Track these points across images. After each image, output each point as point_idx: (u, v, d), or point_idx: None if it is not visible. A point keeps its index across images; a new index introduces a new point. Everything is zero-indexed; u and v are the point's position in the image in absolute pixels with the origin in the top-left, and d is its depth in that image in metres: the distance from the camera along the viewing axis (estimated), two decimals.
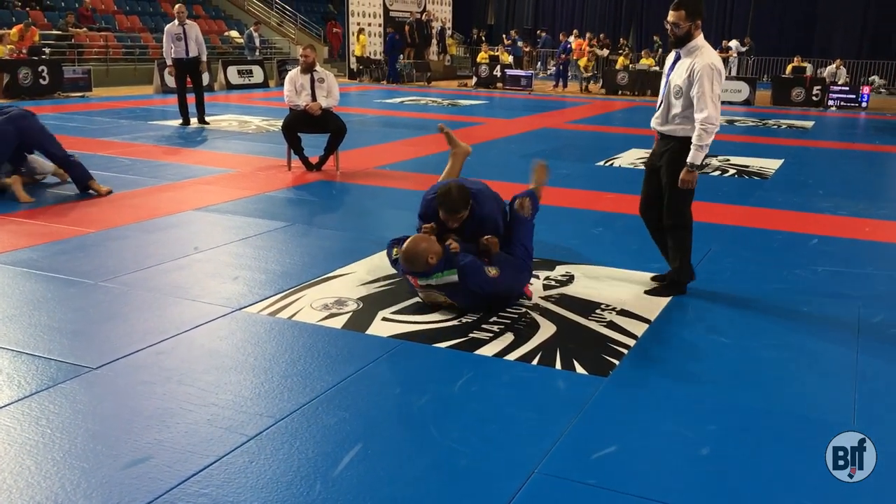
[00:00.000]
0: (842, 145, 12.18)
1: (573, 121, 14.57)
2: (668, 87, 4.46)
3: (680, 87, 4.37)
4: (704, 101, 4.25)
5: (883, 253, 5.72)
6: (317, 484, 2.61)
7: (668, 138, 4.50)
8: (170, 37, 11.41)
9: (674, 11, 4.35)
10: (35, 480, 2.59)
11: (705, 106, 4.25)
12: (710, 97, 4.26)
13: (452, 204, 4.27)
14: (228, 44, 22.13)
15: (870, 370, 3.67)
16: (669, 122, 4.47)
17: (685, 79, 4.33)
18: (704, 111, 4.25)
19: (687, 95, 4.33)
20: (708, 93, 4.25)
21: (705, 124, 4.26)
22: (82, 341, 3.73)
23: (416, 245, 4.15)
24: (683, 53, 4.41)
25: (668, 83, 4.47)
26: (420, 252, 4.12)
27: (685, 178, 4.39)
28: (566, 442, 2.93)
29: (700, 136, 4.29)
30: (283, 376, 3.41)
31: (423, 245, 4.15)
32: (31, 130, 6.81)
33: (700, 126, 4.27)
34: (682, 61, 4.40)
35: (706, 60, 4.29)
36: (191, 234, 5.73)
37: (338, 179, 8.06)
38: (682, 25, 4.33)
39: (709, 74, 4.25)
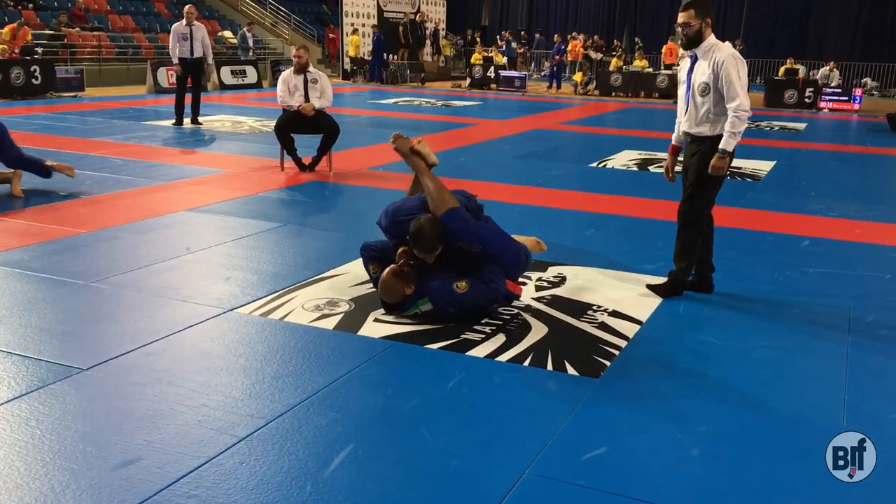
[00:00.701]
0: (834, 147, 12.22)
1: (567, 122, 14.59)
2: (692, 89, 4.45)
3: (706, 84, 4.37)
4: (734, 89, 4.28)
5: (874, 254, 5.74)
6: (307, 485, 2.61)
7: (699, 140, 4.49)
8: (176, 35, 11.42)
9: (683, 12, 4.38)
10: (24, 482, 2.58)
11: (736, 94, 4.28)
12: (739, 85, 4.29)
13: (427, 243, 4.06)
14: (222, 44, 22.09)
15: (860, 371, 3.68)
16: (700, 123, 4.47)
17: (710, 74, 4.35)
18: (736, 99, 4.28)
19: (715, 90, 4.35)
20: (736, 81, 4.28)
21: (738, 111, 4.28)
22: (73, 342, 3.72)
23: (387, 289, 4.12)
24: (700, 55, 4.43)
25: (691, 85, 4.46)
26: (394, 288, 4.11)
27: (716, 164, 4.37)
28: (557, 443, 2.94)
29: (733, 123, 4.31)
30: (274, 377, 3.41)
31: (395, 289, 4.11)
32: None
33: (733, 113, 4.29)
34: (701, 62, 4.42)
35: (728, 52, 4.34)
36: (183, 235, 5.72)
37: (331, 180, 8.06)
38: (692, 25, 4.36)
39: (733, 64, 4.29)
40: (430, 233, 4.05)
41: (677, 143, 4.75)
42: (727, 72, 4.29)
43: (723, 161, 4.37)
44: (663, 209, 6.99)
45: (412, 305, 4.12)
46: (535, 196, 7.47)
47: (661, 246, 5.72)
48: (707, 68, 4.36)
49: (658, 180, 8.56)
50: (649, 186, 8.15)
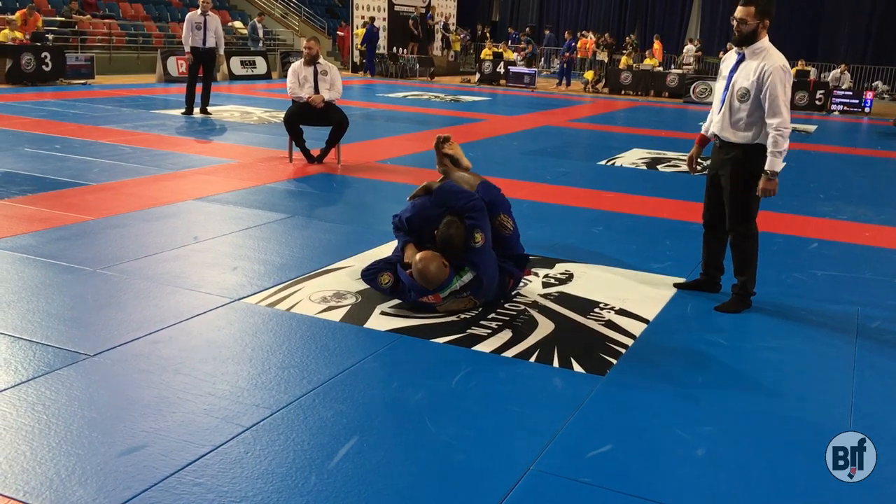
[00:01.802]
0: (844, 150, 12.17)
1: (576, 119, 14.56)
2: (732, 90, 4.26)
3: (747, 90, 4.17)
4: (777, 105, 4.09)
5: (882, 258, 5.72)
6: (312, 476, 2.61)
7: (729, 146, 4.30)
8: (190, 25, 11.42)
9: (743, 7, 4.16)
10: (30, 466, 2.59)
11: (779, 110, 4.09)
12: (784, 101, 4.11)
13: (454, 250, 4.16)
14: (232, 34, 22.09)
15: (867, 374, 3.67)
16: (732, 128, 4.29)
17: (753, 81, 4.14)
18: (779, 116, 4.09)
19: (755, 99, 4.15)
20: (781, 97, 4.09)
21: (780, 129, 4.10)
22: (80, 328, 3.73)
23: (427, 266, 4.06)
24: (748, 55, 4.22)
25: (731, 86, 4.26)
26: (436, 270, 4.06)
27: (766, 186, 4.19)
28: (562, 439, 2.93)
29: (776, 143, 4.11)
30: (280, 368, 3.41)
31: (434, 263, 4.07)
32: None
33: (775, 131, 4.10)
34: (748, 63, 4.21)
35: (777, 63, 4.13)
36: (191, 224, 5.72)
37: (339, 172, 8.06)
38: (749, 23, 4.15)
39: (781, 78, 4.10)
40: (458, 240, 4.12)
41: (706, 135, 4.58)
42: (773, 85, 4.08)
43: (771, 183, 4.19)
44: (672, 208, 6.97)
45: (452, 282, 4.11)
46: (543, 193, 7.46)
47: (668, 245, 5.72)
48: (752, 74, 4.16)
49: (667, 179, 8.54)
50: (658, 185, 8.13)
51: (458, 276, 4.12)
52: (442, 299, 4.14)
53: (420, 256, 4.11)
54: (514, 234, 4.44)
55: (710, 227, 4.62)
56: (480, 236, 4.14)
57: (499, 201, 4.44)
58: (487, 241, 4.18)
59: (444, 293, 4.12)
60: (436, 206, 4.34)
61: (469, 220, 4.18)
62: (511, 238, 4.42)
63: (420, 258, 4.10)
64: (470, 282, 4.13)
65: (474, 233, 4.14)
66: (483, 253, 4.16)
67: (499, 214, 4.37)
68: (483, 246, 4.15)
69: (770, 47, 4.22)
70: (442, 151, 4.79)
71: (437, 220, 4.28)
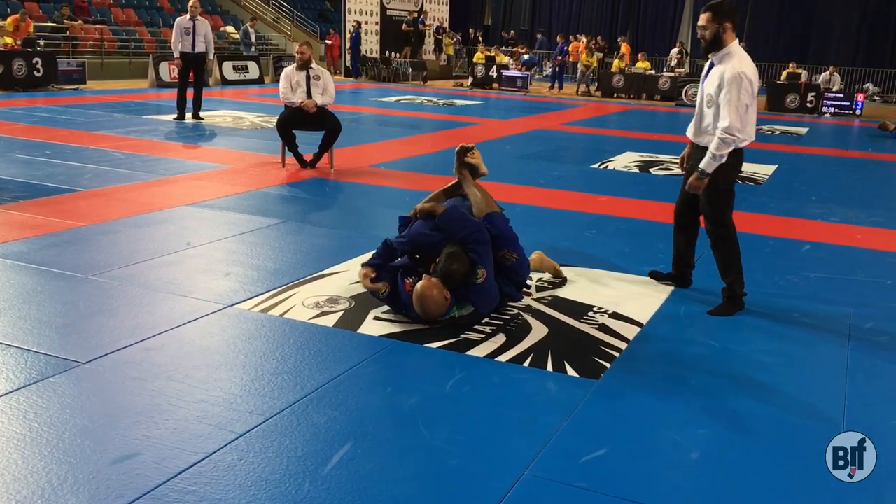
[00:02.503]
0: (835, 152, 12.23)
1: (568, 122, 14.59)
2: (701, 97, 4.35)
3: (711, 96, 4.24)
4: (727, 108, 4.11)
5: (874, 260, 5.74)
6: (305, 482, 2.60)
7: (701, 150, 4.34)
8: (179, 30, 11.40)
9: (702, 14, 4.26)
10: (22, 475, 2.57)
11: (727, 114, 4.11)
12: (735, 105, 4.10)
13: (455, 285, 3.99)
14: (224, 39, 22.07)
15: (860, 376, 3.68)
16: (702, 133, 4.36)
17: (716, 86, 4.19)
18: (725, 119, 4.12)
19: (717, 105, 4.21)
20: (734, 101, 4.10)
21: (724, 133, 4.12)
22: (71, 335, 3.71)
23: (427, 302, 3.92)
24: (716, 61, 4.26)
25: (702, 93, 4.35)
26: (435, 308, 3.95)
27: (693, 183, 4.30)
28: (556, 444, 2.93)
29: (717, 145, 4.15)
30: (273, 374, 3.40)
31: (435, 299, 3.93)
32: None
33: (721, 134, 4.13)
34: (716, 69, 4.26)
35: (737, 68, 4.13)
36: (183, 230, 5.71)
37: (332, 177, 8.05)
38: (709, 28, 4.21)
39: (737, 82, 4.10)
40: (459, 275, 3.96)
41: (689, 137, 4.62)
42: (728, 89, 4.12)
43: (699, 182, 4.26)
44: (664, 211, 6.97)
45: (449, 311, 4.00)
46: (536, 196, 7.47)
47: (661, 248, 5.72)
48: (716, 79, 4.20)
49: (660, 182, 8.56)
50: (651, 188, 8.15)
51: (458, 308, 4.02)
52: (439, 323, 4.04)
53: (422, 288, 3.94)
54: (517, 264, 4.26)
55: (679, 227, 4.71)
56: (482, 273, 3.99)
57: (505, 236, 4.24)
58: (489, 276, 4.05)
59: (442, 319, 4.02)
60: (438, 230, 4.16)
61: (472, 254, 4.02)
62: (514, 267, 4.25)
63: (421, 290, 3.93)
64: (468, 315, 4.05)
65: (476, 269, 3.98)
66: (483, 290, 4.03)
67: (503, 249, 4.19)
68: (484, 283, 4.02)
69: (736, 52, 4.22)
70: (463, 160, 4.64)
71: (436, 245, 4.12)
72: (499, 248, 4.18)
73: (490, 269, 4.06)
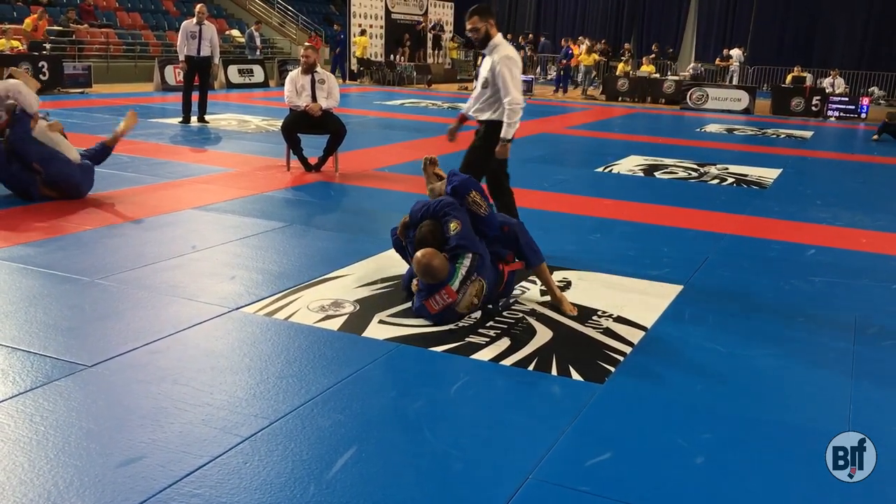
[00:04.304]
0: (840, 156, 12.21)
1: (573, 126, 14.59)
2: (478, 80, 5.23)
3: (486, 79, 5.09)
4: (507, 86, 4.98)
5: (879, 264, 5.73)
6: (311, 486, 2.61)
7: (479, 122, 5.24)
8: (185, 34, 11.44)
9: (469, 19, 5.05)
10: (28, 478, 2.58)
11: (510, 90, 4.98)
12: (512, 83, 4.98)
13: (431, 243, 4.22)
14: (229, 43, 22.13)
15: (865, 381, 3.67)
16: (479, 110, 5.21)
17: (489, 71, 5.05)
18: (509, 94, 4.98)
19: (493, 85, 5.05)
20: (509, 79, 4.97)
21: (512, 104, 5.00)
22: (77, 339, 3.72)
23: (430, 260, 4.08)
24: (487, 52, 5.12)
25: (479, 77, 5.24)
26: (439, 263, 4.09)
27: (500, 150, 5.11)
28: (561, 448, 2.93)
29: (509, 115, 5.01)
30: (278, 377, 3.41)
31: (437, 256, 4.10)
32: None
33: (508, 108, 5.00)
34: (487, 59, 5.13)
35: (503, 53, 5.02)
36: (188, 233, 5.72)
37: (336, 181, 8.06)
38: (480, 28, 5.02)
39: (507, 64, 4.98)
40: (439, 267, 4.09)
41: (465, 113, 5.51)
42: (502, 72, 4.97)
43: (504, 147, 5.11)
44: (669, 215, 6.98)
45: (455, 271, 4.12)
46: (541, 200, 7.46)
47: (666, 252, 5.72)
48: (488, 65, 5.07)
49: (665, 186, 8.56)
50: (655, 192, 8.14)
51: (459, 262, 4.15)
52: (456, 292, 4.10)
53: (421, 253, 4.13)
54: (490, 214, 4.45)
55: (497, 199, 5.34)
56: (455, 223, 4.22)
57: (465, 183, 4.44)
58: (465, 225, 4.23)
59: (454, 283, 4.11)
60: (413, 228, 4.44)
61: (443, 218, 4.27)
62: (488, 218, 4.41)
63: (421, 254, 4.12)
64: (471, 262, 4.16)
65: (449, 224, 4.23)
66: (464, 235, 4.20)
67: (469, 192, 4.38)
68: (461, 230, 4.20)
69: (501, 42, 5.12)
70: (432, 172, 4.95)
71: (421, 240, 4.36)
72: (466, 194, 4.38)
73: (464, 220, 4.26)
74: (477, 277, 4.17)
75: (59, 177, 6.42)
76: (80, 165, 6.62)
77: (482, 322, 4.19)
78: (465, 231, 4.22)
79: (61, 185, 6.46)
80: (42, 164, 6.36)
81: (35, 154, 6.38)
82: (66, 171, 6.45)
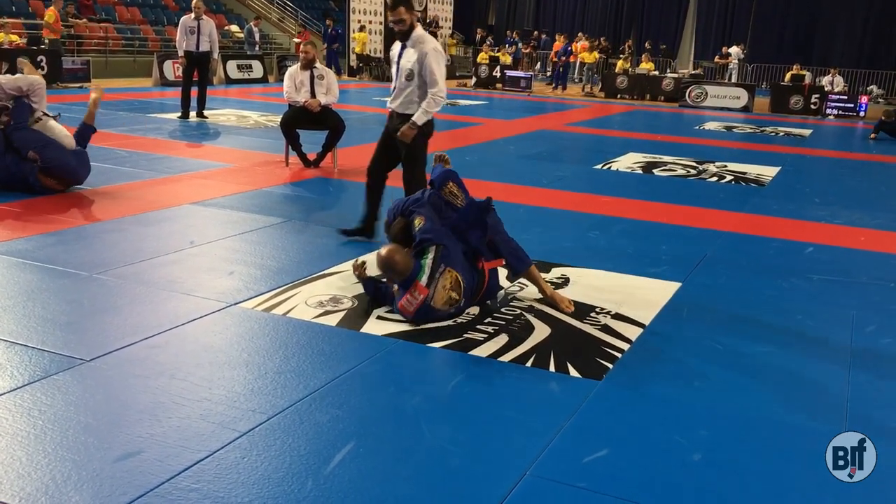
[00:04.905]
0: (839, 154, 12.21)
1: (572, 123, 14.59)
2: (400, 73, 5.14)
3: (412, 71, 5.09)
4: (436, 78, 5.06)
5: (878, 262, 5.74)
6: (308, 481, 2.61)
7: (402, 116, 5.20)
8: (184, 29, 11.43)
9: (393, 10, 5.06)
10: (26, 472, 2.58)
11: (436, 81, 5.06)
12: (439, 75, 5.08)
13: (398, 237, 4.32)
14: (228, 38, 22.09)
15: (862, 379, 3.68)
16: (407, 105, 5.17)
17: (415, 63, 5.06)
18: (435, 85, 5.07)
19: (420, 76, 5.08)
20: (437, 71, 5.07)
21: (436, 96, 5.09)
22: (76, 333, 3.72)
23: (392, 255, 4.10)
24: (410, 44, 5.12)
25: (400, 69, 5.14)
26: (402, 259, 4.09)
27: (405, 131, 5.13)
28: (558, 444, 2.93)
29: (429, 104, 5.10)
30: (276, 373, 3.41)
31: (398, 252, 4.12)
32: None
33: (432, 97, 5.08)
34: (409, 50, 5.11)
35: (431, 46, 5.09)
36: (187, 228, 5.72)
37: (335, 176, 8.06)
38: (405, 20, 5.04)
39: (436, 57, 5.08)
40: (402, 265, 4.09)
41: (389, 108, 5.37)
42: (430, 64, 5.03)
43: (411, 131, 5.12)
44: (668, 212, 6.98)
45: (420, 266, 4.08)
46: (539, 197, 7.47)
47: (664, 249, 5.73)
48: (413, 57, 5.07)
49: (663, 183, 8.56)
50: (654, 189, 8.15)
51: (425, 256, 4.11)
52: (426, 287, 4.01)
53: (383, 249, 4.17)
54: (467, 205, 4.41)
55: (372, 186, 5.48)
56: (419, 219, 4.23)
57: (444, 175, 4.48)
58: (428, 219, 4.23)
59: (422, 278, 4.01)
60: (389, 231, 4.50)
61: (410, 216, 4.32)
62: (466, 209, 4.37)
63: (384, 250, 4.16)
64: (436, 254, 4.09)
65: (414, 220, 4.25)
66: (427, 229, 4.18)
67: (447, 183, 4.43)
68: (425, 224, 4.20)
69: (424, 34, 5.15)
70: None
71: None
72: (444, 185, 4.44)
73: (427, 215, 4.26)
74: (445, 268, 4.06)
75: (55, 163, 6.43)
76: (75, 152, 6.65)
77: (480, 318, 4.19)
78: (427, 225, 4.21)
79: (58, 172, 6.46)
80: (38, 151, 6.39)
81: (32, 141, 6.42)
82: (61, 157, 6.48)
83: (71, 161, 6.54)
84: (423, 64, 5.04)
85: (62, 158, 6.48)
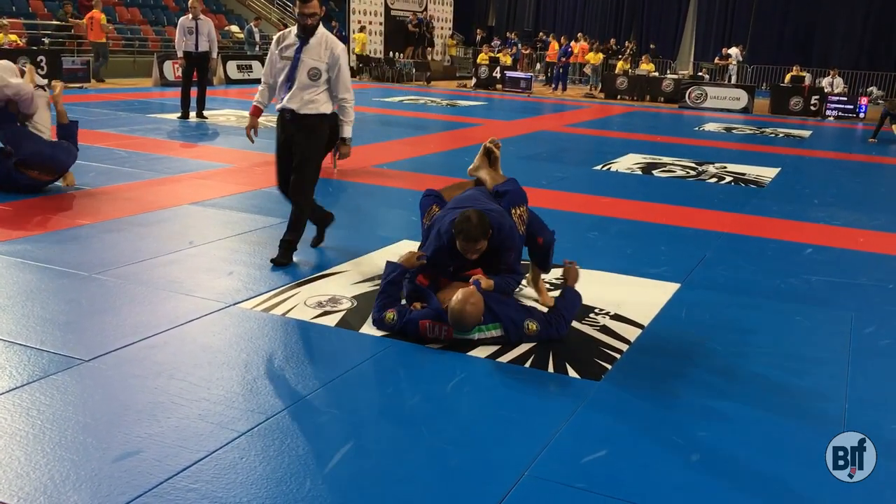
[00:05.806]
0: (838, 155, 12.21)
1: (571, 124, 14.59)
2: (299, 70, 4.75)
3: (318, 70, 4.77)
4: (347, 82, 4.84)
5: (876, 263, 5.74)
6: (307, 481, 2.61)
7: (301, 116, 4.82)
8: (182, 29, 11.44)
9: (309, 3, 4.72)
10: (24, 471, 2.58)
11: (348, 88, 4.85)
12: (348, 77, 4.88)
13: (471, 232, 3.77)
14: (228, 38, 22.09)
15: (861, 380, 3.68)
16: (305, 103, 4.80)
17: (325, 63, 4.76)
18: (349, 91, 4.86)
19: (330, 80, 4.80)
20: (348, 77, 4.87)
21: (350, 104, 4.88)
22: (75, 333, 3.72)
23: (463, 307, 3.66)
24: (314, 41, 4.77)
25: (299, 66, 4.75)
26: (471, 314, 3.69)
27: (346, 151, 5.06)
28: (557, 445, 2.94)
29: (348, 113, 4.91)
30: (275, 373, 3.41)
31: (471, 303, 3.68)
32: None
33: (347, 105, 4.87)
34: (314, 47, 4.76)
35: (340, 48, 4.84)
36: (186, 229, 5.72)
37: (335, 177, 8.06)
38: (319, 14, 4.77)
39: (345, 58, 4.86)
40: (477, 221, 3.78)
41: (261, 106, 5.06)
42: (343, 68, 4.81)
43: (347, 148, 5.04)
44: (667, 213, 6.98)
45: (478, 329, 3.78)
46: (539, 198, 7.45)
47: (663, 250, 5.73)
48: (323, 56, 4.75)
49: (662, 184, 8.56)
50: (653, 190, 8.15)
51: (485, 329, 3.80)
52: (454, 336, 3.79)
53: (462, 300, 3.68)
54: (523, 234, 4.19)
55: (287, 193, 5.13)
56: (534, 325, 3.85)
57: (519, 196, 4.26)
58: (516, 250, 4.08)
59: (465, 334, 3.78)
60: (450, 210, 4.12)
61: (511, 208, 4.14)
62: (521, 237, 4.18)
63: (461, 304, 3.67)
64: (492, 337, 3.82)
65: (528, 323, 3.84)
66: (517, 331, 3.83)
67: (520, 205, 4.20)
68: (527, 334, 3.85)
69: (327, 32, 4.88)
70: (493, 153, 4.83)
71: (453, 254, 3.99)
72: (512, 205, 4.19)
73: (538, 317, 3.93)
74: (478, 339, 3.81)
75: (29, 153, 6.41)
76: (52, 142, 6.65)
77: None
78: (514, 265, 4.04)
79: (35, 162, 6.44)
80: (13, 144, 6.40)
81: (11, 137, 6.46)
82: (35, 147, 6.46)
83: (45, 150, 6.51)
84: (338, 67, 4.77)
85: (35, 148, 6.46)
